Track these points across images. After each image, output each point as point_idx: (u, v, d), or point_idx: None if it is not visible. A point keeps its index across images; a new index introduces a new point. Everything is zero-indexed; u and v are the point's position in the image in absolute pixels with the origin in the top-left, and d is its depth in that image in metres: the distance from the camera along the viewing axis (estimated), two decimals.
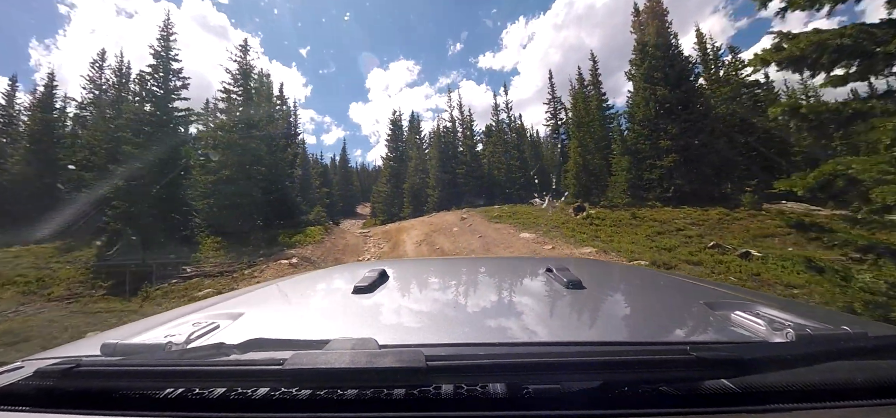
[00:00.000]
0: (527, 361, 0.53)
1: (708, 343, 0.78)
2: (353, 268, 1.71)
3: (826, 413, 0.52)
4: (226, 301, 1.18)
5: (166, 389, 0.58)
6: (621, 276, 1.59)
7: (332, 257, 12.88)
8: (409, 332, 0.86)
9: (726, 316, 0.87)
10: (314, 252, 12.98)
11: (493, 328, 0.84)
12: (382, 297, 1.10)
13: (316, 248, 13.56)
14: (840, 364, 0.57)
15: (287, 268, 10.53)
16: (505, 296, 1.16)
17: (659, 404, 0.53)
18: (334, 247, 14.68)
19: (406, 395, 0.54)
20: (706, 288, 1.22)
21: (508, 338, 0.77)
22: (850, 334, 0.66)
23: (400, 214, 33.10)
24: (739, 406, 0.53)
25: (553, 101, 36.89)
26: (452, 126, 32.63)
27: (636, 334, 0.85)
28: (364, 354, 0.54)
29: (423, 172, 33.15)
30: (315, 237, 14.77)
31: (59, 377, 0.56)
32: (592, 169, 22.83)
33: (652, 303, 1.14)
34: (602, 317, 0.97)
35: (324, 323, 0.98)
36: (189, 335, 0.77)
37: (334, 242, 15.76)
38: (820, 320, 0.78)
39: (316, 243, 14.29)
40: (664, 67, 20.46)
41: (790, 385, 0.55)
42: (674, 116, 19.91)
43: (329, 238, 16.23)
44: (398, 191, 34.58)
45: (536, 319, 0.91)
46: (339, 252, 14.30)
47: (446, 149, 32.09)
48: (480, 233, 14.34)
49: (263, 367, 0.54)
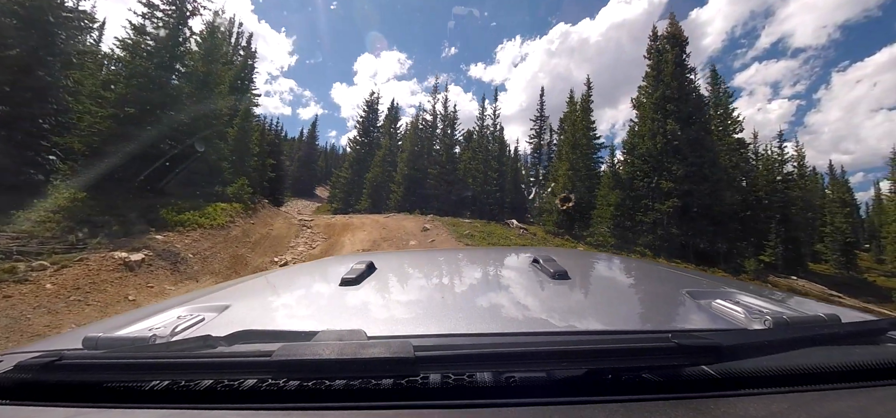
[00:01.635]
0: (513, 350, 0.54)
1: (689, 330, 0.79)
2: (341, 260, 1.66)
3: (801, 396, 0.53)
4: (212, 293, 1.17)
5: (152, 381, 0.57)
6: (606, 266, 1.59)
7: (225, 259, 8.93)
8: (397, 323, 0.85)
9: (707, 305, 0.89)
10: (196, 244, 8.96)
11: (481, 318, 0.83)
12: (370, 289, 1.08)
13: (206, 239, 9.51)
14: (815, 349, 0.59)
15: (109, 271, 6.34)
16: (492, 286, 1.18)
17: (642, 390, 0.54)
18: (239, 241, 10.67)
19: (394, 386, 0.54)
20: (688, 277, 1.28)
21: (495, 328, 0.77)
22: (824, 320, 0.72)
23: (355, 206, 29.06)
24: (719, 391, 0.54)
25: (541, 119, 34.67)
26: (433, 121, 29.01)
27: (620, 323, 0.85)
28: (352, 345, 0.54)
29: (391, 165, 29.30)
30: (217, 219, 10.68)
31: (41, 370, 0.56)
32: (579, 199, 20.03)
33: (635, 292, 1.18)
34: (587, 307, 0.97)
35: (312, 315, 0.98)
36: (174, 328, 0.77)
37: (246, 232, 11.72)
38: (796, 308, 0.84)
39: (214, 229, 10.23)
40: (678, 99, 18.04)
41: (767, 370, 0.56)
42: (680, 156, 17.47)
43: (242, 224, 12.13)
44: (359, 180, 30.55)
45: (523, 309, 0.92)
46: (245, 247, 10.33)
47: (421, 145, 28.47)
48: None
49: (251, 359, 0.54)
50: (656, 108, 18.34)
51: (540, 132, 34.42)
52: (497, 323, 0.81)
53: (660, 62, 19.32)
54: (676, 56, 18.92)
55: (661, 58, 19.51)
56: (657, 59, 19.52)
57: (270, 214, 16.86)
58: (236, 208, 12.69)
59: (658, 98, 18.58)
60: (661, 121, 17.92)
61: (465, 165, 26.71)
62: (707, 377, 0.55)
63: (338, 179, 32.79)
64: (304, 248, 11.86)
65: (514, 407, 0.51)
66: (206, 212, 10.47)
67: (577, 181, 20.25)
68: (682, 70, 18.84)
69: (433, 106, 29.17)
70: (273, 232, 13.15)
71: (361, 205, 28.67)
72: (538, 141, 34.39)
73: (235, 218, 11.78)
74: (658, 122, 18.09)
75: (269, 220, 15.10)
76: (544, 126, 34.32)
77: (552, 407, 0.51)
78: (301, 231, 15.10)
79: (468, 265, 1.50)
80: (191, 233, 9.20)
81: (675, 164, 17.30)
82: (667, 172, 17.48)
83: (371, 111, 35.24)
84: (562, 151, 21.85)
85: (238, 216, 12.32)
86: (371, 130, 34.89)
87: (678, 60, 18.89)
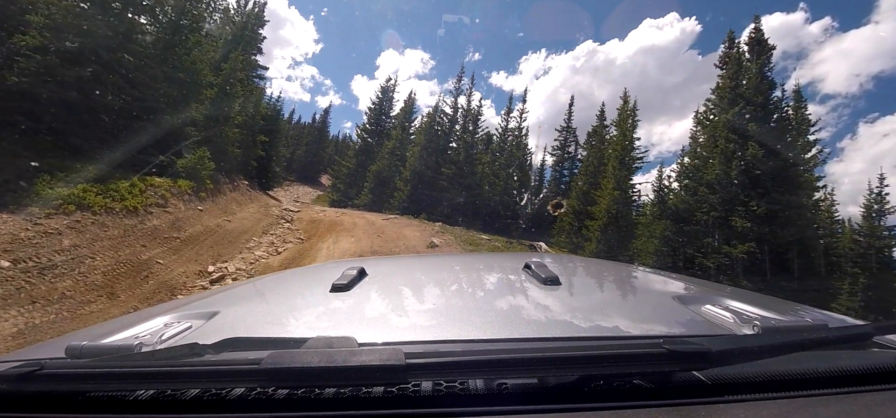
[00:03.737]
0: (505, 357, 0.53)
1: (679, 336, 0.76)
2: (332, 266, 1.62)
3: (789, 402, 0.54)
4: (199, 300, 1.16)
5: (137, 391, 0.56)
6: (597, 272, 1.58)
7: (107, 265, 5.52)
8: (388, 330, 0.84)
9: (697, 310, 0.90)
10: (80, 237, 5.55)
11: (472, 325, 0.82)
12: (361, 295, 1.06)
13: (95, 229, 6.11)
14: (803, 354, 0.60)
15: None
16: (484, 293, 1.17)
17: (633, 397, 0.54)
18: (157, 237, 7.32)
19: (385, 393, 0.53)
20: (678, 282, 1.29)
21: (487, 335, 0.76)
22: (812, 326, 0.72)
23: (354, 200, 25.68)
24: (708, 397, 0.54)
25: (567, 129, 31.44)
26: (453, 115, 25.48)
27: (611, 328, 0.85)
28: (342, 352, 0.52)
29: (400, 159, 25.86)
30: (130, 200, 7.27)
31: (21, 381, 0.53)
32: (622, 224, 16.47)
33: (626, 297, 1.16)
34: (578, 313, 0.95)
35: (301, 322, 0.97)
36: (160, 335, 0.75)
37: (178, 222, 8.38)
38: (784, 313, 0.84)
39: (116, 215, 6.84)
40: (762, 118, 14.42)
41: (756, 375, 0.56)
42: (761, 190, 13.84)
43: (179, 210, 8.79)
44: (363, 172, 27.21)
45: (514, 316, 0.91)
46: (163, 247, 6.94)
47: (436, 140, 25.02)
48: None
49: (239, 367, 0.52)
50: (731, 128, 14.72)
51: (564, 143, 31.31)
52: (489, 330, 0.79)
53: (737, 72, 15.70)
54: (761, 66, 15.30)
55: (741, 68, 15.90)
56: (735, 68, 15.90)
57: (243, 199, 13.56)
58: (182, 187, 9.36)
59: (735, 115, 14.96)
60: (741, 143, 14.29)
61: (482, 169, 23.16)
62: (697, 382, 0.55)
63: (340, 168, 29.49)
64: (263, 254, 8.49)
65: (506, 414, 0.51)
66: (115, 189, 7.09)
67: (621, 204, 16.66)
68: (766, 84, 15.21)
69: (455, 99, 25.71)
70: (229, 225, 9.80)
71: (361, 201, 25.31)
72: (562, 153, 31.26)
73: (171, 200, 8.43)
74: (734, 145, 14.47)
75: (235, 208, 11.78)
76: (570, 138, 31.30)
77: (544, 415, 0.51)
78: (274, 225, 11.75)
79: (460, 271, 1.47)
80: (74, 218, 5.84)
81: (753, 199, 13.66)
82: (742, 208, 13.84)
83: (385, 97, 31.94)
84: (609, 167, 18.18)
85: (180, 198, 8.97)
86: (382, 119, 31.57)
87: (762, 72, 15.27)
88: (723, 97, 16.20)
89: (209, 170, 10.95)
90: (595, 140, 24.73)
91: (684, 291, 1.08)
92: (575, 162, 30.47)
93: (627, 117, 18.27)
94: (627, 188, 17.28)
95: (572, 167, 30.38)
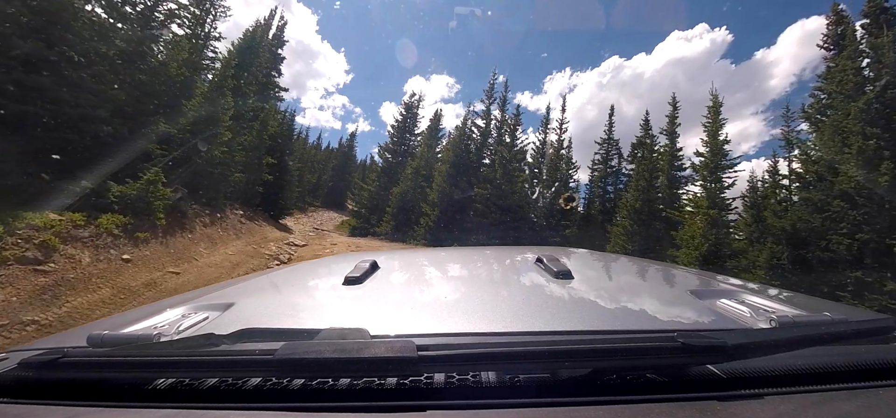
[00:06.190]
0: (517, 350, 0.53)
1: (694, 330, 0.77)
2: (345, 259, 1.60)
3: (807, 396, 0.52)
4: (215, 291, 1.15)
5: (156, 380, 0.57)
6: (610, 265, 1.54)
7: None
8: (400, 322, 0.84)
9: (712, 304, 0.88)
10: None
11: (484, 318, 0.81)
12: (374, 288, 1.07)
13: None
14: (821, 349, 0.58)
15: None
16: (496, 286, 1.14)
17: (647, 390, 0.53)
18: None
19: (397, 385, 0.53)
20: (692, 276, 1.27)
21: (499, 328, 0.75)
22: (830, 320, 0.70)
23: (374, 229, 22.56)
24: (724, 391, 0.53)
25: (609, 142, 27.63)
26: (486, 127, 22.07)
27: (624, 322, 0.83)
28: (355, 344, 0.53)
29: (425, 180, 22.64)
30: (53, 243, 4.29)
31: (44, 368, 0.55)
32: (723, 252, 12.31)
33: (640, 291, 1.14)
34: (591, 306, 0.94)
35: (315, 314, 0.97)
36: (178, 326, 0.77)
37: (55, 291, 5.29)
38: (802, 307, 0.81)
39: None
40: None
41: (773, 370, 0.55)
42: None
43: (60, 267, 5.72)
44: (385, 195, 24.21)
45: (527, 309, 0.88)
46: None
47: (467, 157, 21.66)
48: None
49: (254, 357, 0.53)
50: (862, 119, 10.46)
51: (607, 157, 27.57)
52: (501, 323, 0.78)
53: (872, 48, 11.46)
54: (892, 42, 11.03)
55: (873, 41, 11.65)
56: (854, 45, 11.70)
57: (226, 235, 10.61)
58: (104, 226, 6.39)
59: (867, 103, 10.70)
60: (889, 139, 9.99)
61: (526, 185, 19.50)
62: (713, 377, 0.55)
63: (361, 191, 26.72)
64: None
65: (518, 408, 0.50)
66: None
67: (719, 227, 12.51)
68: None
69: (487, 107, 22.36)
70: (173, 281, 6.70)
71: (381, 228, 22.19)
72: (604, 167, 27.40)
73: (62, 248, 5.39)
74: (877, 140, 10.19)
75: (202, 250, 8.77)
76: (611, 150, 27.49)
77: (557, 409, 0.50)
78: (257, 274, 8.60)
79: (472, 264, 1.45)
80: None
81: None
82: None
83: (409, 114, 29.19)
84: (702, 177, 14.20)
85: (90, 243, 5.96)
86: (406, 137, 28.74)
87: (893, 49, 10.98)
88: (845, 82, 11.98)
89: (163, 200, 8.02)
90: (641, 151, 20.99)
91: (699, 285, 1.08)
92: (619, 176, 27.20)
93: (717, 121, 14.10)
94: (723, 206, 13.11)
95: (617, 181, 27.06)
